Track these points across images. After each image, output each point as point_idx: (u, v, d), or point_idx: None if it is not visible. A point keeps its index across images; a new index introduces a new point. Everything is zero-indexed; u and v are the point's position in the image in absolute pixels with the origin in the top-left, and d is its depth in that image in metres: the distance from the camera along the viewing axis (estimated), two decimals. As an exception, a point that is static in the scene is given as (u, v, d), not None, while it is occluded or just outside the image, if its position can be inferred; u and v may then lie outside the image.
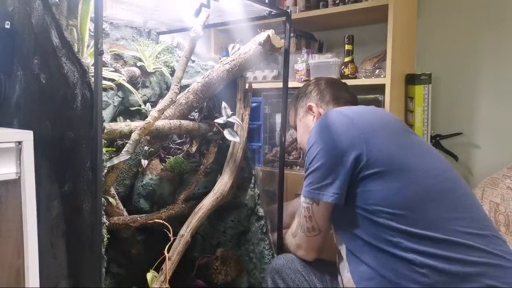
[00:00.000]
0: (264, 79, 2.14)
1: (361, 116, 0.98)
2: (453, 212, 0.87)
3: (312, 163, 0.98)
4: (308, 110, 1.24)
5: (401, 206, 0.87)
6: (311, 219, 1.01)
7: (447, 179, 0.94)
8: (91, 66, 0.95)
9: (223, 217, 1.48)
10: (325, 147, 0.95)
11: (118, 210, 1.20)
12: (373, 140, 0.92)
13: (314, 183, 0.97)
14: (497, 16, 1.86)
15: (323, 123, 0.99)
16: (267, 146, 2.07)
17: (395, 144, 0.94)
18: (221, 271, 1.40)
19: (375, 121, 0.98)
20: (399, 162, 0.90)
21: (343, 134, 0.94)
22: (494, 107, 1.88)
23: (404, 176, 0.89)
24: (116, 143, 1.25)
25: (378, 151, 0.90)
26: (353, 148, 0.91)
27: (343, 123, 0.96)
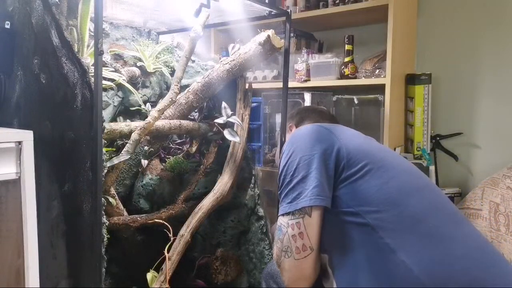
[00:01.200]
0: (264, 79, 2.14)
1: (335, 127, 1.01)
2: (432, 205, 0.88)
3: (297, 173, 0.91)
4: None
5: (385, 202, 0.85)
6: (301, 236, 0.87)
7: (420, 177, 0.96)
8: (91, 66, 0.95)
9: (223, 217, 1.48)
10: (307, 153, 0.92)
11: (118, 210, 1.20)
12: (350, 142, 0.94)
13: (304, 191, 0.88)
14: (497, 16, 1.86)
15: (297, 134, 1.00)
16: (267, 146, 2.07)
17: (371, 146, 0.97)
18: (221, 271, 1.40)
19: (350, 132, 1.01)
20: (377, 159, 0.92)
21: (321, 138, 0.94)
22: (494, 107, 1.88)
23: (383, 172, 0.89)
24: (116, 143, 1.25)
25: (356, 151, 0.92)
26: (332, 147, 0.92)
27: (318, 130, 0.98)
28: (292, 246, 0.88)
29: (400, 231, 0.83)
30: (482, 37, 1.90)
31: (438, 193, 0.95)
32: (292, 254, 0.88)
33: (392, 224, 0.83)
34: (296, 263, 0.88)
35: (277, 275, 1.07)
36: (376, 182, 0.88)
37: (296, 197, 0.89)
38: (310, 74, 1.96)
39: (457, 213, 0.91)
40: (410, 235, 0.82)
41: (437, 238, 0.83)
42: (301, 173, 0.90)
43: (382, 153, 0.96)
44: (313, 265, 0.89)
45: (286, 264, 0.89)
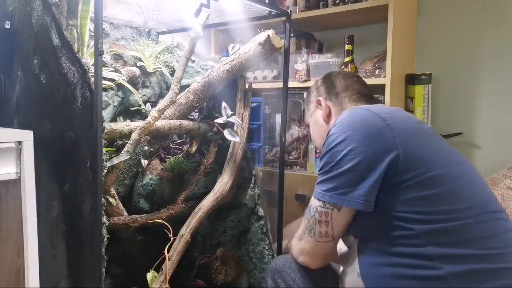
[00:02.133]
0: (264, 79, 2.14)
1: (394, 117, 0.89)
2: (483, 225, 0.84)
3: (339, 165, 0.87)
4: (317, 105, 1.17)
5: (434, 213, 0.82)
6: (327, 224, 0.91)
7: (481, 192, 0.90)
8: (91, 66, 0.95)
9: (223, 217, 1.48)
10: (357, 148, 0.86)
11: (118, 210, 1.20)
12: (408, 144, 0.85)
13: (340, 187, 0.87)
14: (497, 16, 1.86)
15: (353, 120, 0.90)
16: (267, 146, 2.07)
17: (430, 149, 0.88)
18: (221, 271, 1.40)
19: (408, 124, 0.91)
20: (434, 169, 0.84)
21: (377, 136, 0.86)
22: (494, 107, 1.88)
23: (439, 183, 0.84)
24: (116, 143, 1.25)
25: (413, 157, 0.84)
26: (387, 152, 0.84)
27: (375, 123, 0.87)
28: (316, 229, 0.93)
29: (445, 244, 0.81)
30: (482, 37, 1.90)
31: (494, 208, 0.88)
32: (315, 235, 0.94)
33: (438, 235, 0.81)
34: (315, 244, 0.95)
35: (283, 270, 1.06)
36: (428, 192, 0.83)
37: (332, 189, 0.89)
38: (310, 74, 1.96)
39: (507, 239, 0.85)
40: (453, 248, 0.80)
41: (482, 254, 0.80)
42: (344, 167, 0.87)
43: (444, 159, 0.88)
44: (329, 250, 0.96)
45: (307, 242, 0.96)
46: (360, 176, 0.86)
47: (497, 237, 0.84)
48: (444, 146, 0.94)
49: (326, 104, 1.14)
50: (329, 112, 1.14)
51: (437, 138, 0.95)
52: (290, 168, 1.99)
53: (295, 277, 1.05)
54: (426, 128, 0.96)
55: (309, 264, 1.01)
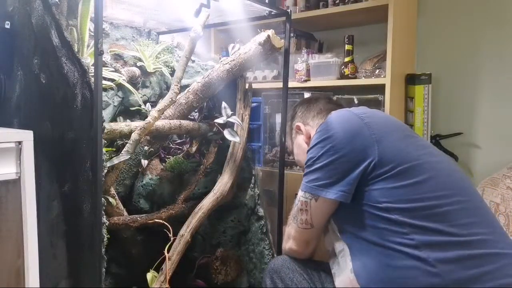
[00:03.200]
0: (264, 79, 2.14)
1: (371, 116, 0.97)
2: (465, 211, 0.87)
3: (320, 159, 0.96)
4: (297, 131, 1.25)
5: (415, 200, 0.86)
6: (306, 213, 1.00)
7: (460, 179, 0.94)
8: (91, 66, 0.95)
9: (223, 217, 1.48)
10: (336, 145, 0.94)
11: (118, 210, 1.20)
12: (384, 139, 0.92)
13: (319, 179, 0.96)
14: (497, 16, 1.86)
15: (335, 120, 0.98)
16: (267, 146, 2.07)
17: (406, 143, 0.94)
18: (221, 271, 1.40)
19: (384, 122, 0.98)
20: (411, 160, 0.90)
21: (355, 134, 0.93)
22: (494, 107, 1.88)
23: (417, 172, 0.89)
24: (116, 143, 1.25)
25: (390, 151, 0.91)
26: (365, 149, 0.91)
27: (354, 122, 0.95)
28: (298, 216, 1.02)
29: (428, 230, 0.84)
30: (482, 37, 1.90)
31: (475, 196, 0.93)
32: (297, 222, 1.03)
33: (420, 222, 0.84)
34: (298, 230, 1.04)
35: (281, 270, 1.08)
36: (408, 182, 0.88)
37: (312, 181, 0.97)
38: (310, 74, 1.96)
39: (489, 220, 0.90)
40: (438, 235, 0.83)
41: (467, 240, 0.83)
42: (324, 161, 0.95)
43: (420, 151, 0.93)
44: (311, 238, 1.05)
45: (292, 228, 1.05)
46: (339, 170, 0.93)
47: (480, 223, 0.87)
48: (420, 140, 1.00)
49: (305, 128, 1.22)
50: (309, 135, 1.21)
51: (413, 134, 1.02)
52: (290, 168, 1.99)
53: (293, 277, 1.06)
54: (403, 127, 1.02)
55: (295, 251, 1.08)
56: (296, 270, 1.07)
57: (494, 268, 0.81)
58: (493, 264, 0.82)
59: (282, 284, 1.07)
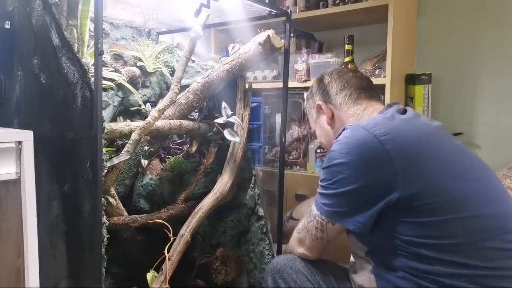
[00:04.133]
0: (264, 79, 2.14)
1: (395, 138, 0.84)
2: (498, 242, 0.82)
3: (334, 185, 0.89)
4: (318, 110, 1.14)
5: (442, 237, 0.81)
6: (322, 232, 0.97)
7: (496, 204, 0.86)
8: (91, 66, 0.95)
9: (223, 217, 1.48)
10: (352, 174, 0.85)
11: (118, 210, 1.20)
12: (410, 170, 0.82)
13: (334, 205, 0.90)
14: (497, 16, 1.86)
15: (350, 142, 0.88)
16: (267, 146, 2.07)
17: (440, 170, 0.84)
18: (221, 271, 1.40)
19: (411, 145, 0.85)
20: (442, 194, 0.82)
21: (372, 165, 0.84)
22: (494, 107, 1.88)
23: (448, 210, 0.81)
24: (116, 143, 1.25)
25: (417, 184, 0.81)
26: (385, 183, 0.82)
27: (372, 148, 0.84)
28: (312, 231, 1.00)
29: (455, 264, 0.80)
30: (482, 37, 1.90)
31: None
32: (311, 236, 1.01)
33: (448, 257, 0.80)
34: (312, 242, 1.02)
35: (284, 270, 1.06)
36: (437, 218, 0.81)
37: (329, 205, 0.92)
38: (310, 74, 1.96)
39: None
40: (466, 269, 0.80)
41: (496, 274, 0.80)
42: (339, 189, 0.88)
43: (455, 179, 0.83)
44: (324, 248, 1.03)
45: (305, 238, 1.04)
46: (356, 201, 0.87)
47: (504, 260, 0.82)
48: (457, 158, 0.89)
49: (328, 107, 1.11)
50: (331, 115, 1.11)
51: (448, 148, 0.90)
52: (290, 168, 1.99)
53: (296, 278, 1.05)
54: (436, 141, 0.90)
55: (308, 256, 1.07)
56: (300, 271, 1.05)
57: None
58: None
59: (284, 285, 1.05)
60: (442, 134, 0.95)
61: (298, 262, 1.07)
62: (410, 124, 0.91)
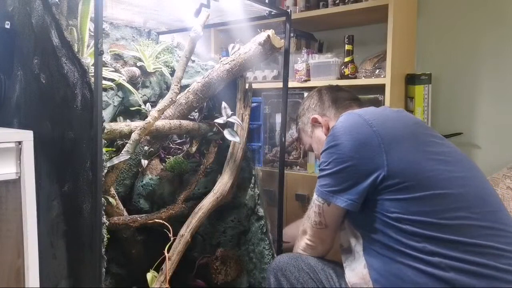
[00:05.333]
0: (264, 79, 2.14)
1: (383, 123, 0.94)
2: (481, 221, 0.86)
3: (329, 166, 0.97)
4: (314, 123, 1.21)
5: (427, 214, 0.85)
6: (320, 215, 1.02)
7: (480, 187, 0.92)
8: (91, 66, 0.95)
9: (223, 217, 1.48)
10: (345, 154, 0.93)
11: (118, 210, 1.20)
12: (393, 150, 0.90)
13: (329, 185, 0.97)
14: (497, 16, 1.86)
15: (344, 126, 0.97)
16: (267, 146, 2.07)
17: (418, 153, 0.91)
18: (221, 271, 1.40)
19: (397, 129, 0.94)
20: (421, 173, 0.88)
21: (363, 143, 0.92)
22: (494, 107, 1.88)
23: (426, 187, 0.87)
24: (116, 143, 1.25)
25: (399, 163, 0.89)
26: (373, 159, 0.90)
27: (362, 129, 0.93)
28: (313, 217, 1.05)
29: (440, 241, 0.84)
30: (482, 37, 1.90)
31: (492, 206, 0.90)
32: (311, 222, 1.05)
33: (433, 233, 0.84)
34: (313, 229, 1.06)
35: (287, 268, 1.06)
36: (419, 195, 0.87)
37: (324, 186, 0.99)
38: (310, 74, 1.96)
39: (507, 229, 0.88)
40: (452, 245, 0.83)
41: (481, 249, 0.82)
42: (334, 168, 0.96)
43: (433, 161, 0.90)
44: (325, 236, 1.06)
45: (308, 227, 1.07)
46: (348, 178, 0.94)
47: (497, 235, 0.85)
48: (436, 145, 0.96)
49: (324, 119, 1.19)
50: (328, 126, 1.18)
51: (429, 138, 0.97)
52: (290, 168, 1.99)
53: (299, 277, 1.04)
54: (419, 130, 0.98)
55: (310, 245, 1.09)
56: (303, 269, 1.05)
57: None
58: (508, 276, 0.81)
59: (287, 283, 1.05)
60: (424, 125, 1.04)
61: (301, 261, 1.07)
62: (397, 114, 1.02)
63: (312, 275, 1.05)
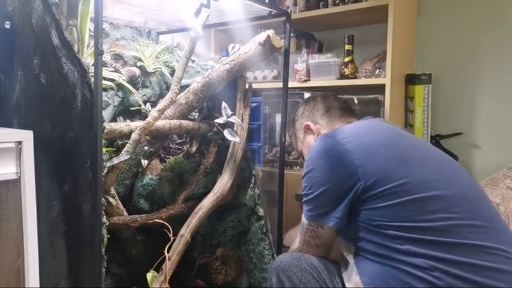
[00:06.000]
0: (264, 79, 2.14)
1: (356, 139, 0.98)
2: (461, 220, 0.87)
3: (311, 190, 1.01)
4: (306, 130, 1.24)
5: (406, 219, 0.88)
6: (318, 238, 1.07)
7: (459, 185, 0.94)
8: (91, 66, 0.95)
9: (223, 217, 1.48)
10: (322, 177, 0.98)
11: (118, 210, 1.20)
12: (368, 162, 0.93)
13: (315, 209, 1.01)
14: (498, 16, 1.86)
15: (318, 150, 1.01)
16: (267, 146, 2.07)
17: (393, 161, 0.94)
18: (221, 271, 1.40)
19: (370, 142, 0.98)
20: (397, 180, 0.90)
21: (337, 164, 0.96)
22: (494, 107, 1.88)
23: (403, 192, 0.89)
24: (116, 143, 1.25)
25: (374, 174, 0.91)
26: (349, 176, 0.93)
27: (334, 151, 0.97)
28: (310, 241, 1.09)
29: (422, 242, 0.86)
30: (482, 37, 1.90)
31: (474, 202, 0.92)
32: (312, 246, 1.10)
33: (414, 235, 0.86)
34: (315, 250, 1.10)
35: (289, 268, 1.06)
36: (397, 201, 0.89)
37: (311, 210, 1.02)
38: (310, 74, 1.96)
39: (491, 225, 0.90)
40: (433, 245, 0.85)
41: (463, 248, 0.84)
42: (315, 192, 0.99)
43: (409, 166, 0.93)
44: (324, 251, 1.11)
45: (308, 251, 1.11)
46: (331, 200, 0.97)
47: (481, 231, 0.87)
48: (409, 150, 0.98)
49: (316, 127, 1.21)
50: (319, 134, 1.20)
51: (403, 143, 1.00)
52: (290, 168, 1.99)
53: (301, 277, 1.04)
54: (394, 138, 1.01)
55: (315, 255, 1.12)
56: (305, 269, 1.06)
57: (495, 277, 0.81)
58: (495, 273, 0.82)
59: (289, 283, 1.05)
60: (400, 132, 1.06)
61: (304, 261, 1.07)
62: (369, 126, 1.06)
63: (315, 274, 1.05)
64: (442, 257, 0.83)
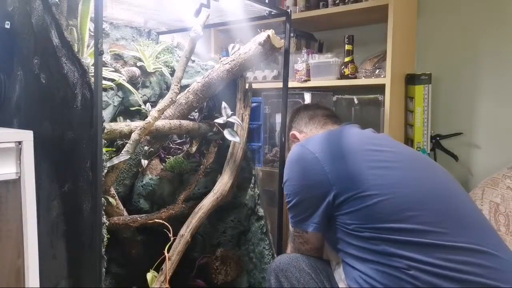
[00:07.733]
0: (264, 79, 2.14)
1: (325, 146, 1.02)
2: (431, 217, 0.89)
3: (290, 198, 1.05)
4: (293, 139, 1.27)
5: (379, 220, 0.90)
6: (306, 243, 1.09)
7: (433, 184, 0.96)
8: (91, 66, 0.95)
9: (223, 217, 1.48)
10: (297, 184, 1.03)
11: (118, 210, 1.20)
12: (336, 168, 0.96)
13: (296, 215, 1.05)
14: (497, 16, 1.86)
15: (291, 159, 1.06)
16: (267, 146, 2.06)
17: (361, 164, 0.96)
18: (221, 271, 1.40)
19: (339, 148, 1.01)
20: (367, 181, 0.93)
21: (307, 172, 1.00)
22: (494, 107, 1.88)
23: (375, 193, 0.91)
24: (116, 143, 1.25)
25: (344, 179, 0.95)
26: (320, 184, 0.97)
27: (305, 160, 1.01)
28: (300, 247, 1.11)
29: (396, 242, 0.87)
30: (482, 37, 1.90)
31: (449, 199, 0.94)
32: (303, 252, 1.12)
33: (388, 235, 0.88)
34: (304, 254, 1.12)
35: (288, 269, 1.07)
36: (368, 203, 0.91)
37: (293, 217, 1.06)
38: (310, 74, 1.96)
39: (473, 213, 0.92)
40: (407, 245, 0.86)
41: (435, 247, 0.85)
42: (293, 200, 1.04)
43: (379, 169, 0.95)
44: (317, 253, 1.13)
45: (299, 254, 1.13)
46: (308, 206, 1.01)
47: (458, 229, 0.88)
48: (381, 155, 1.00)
49: (301, 136, 1.25)
50: None
51: (372, 150, 1.00)
52: (290, 168, 1.99)
53: (300, 277, 1.05)
54: (363, 143, 1.03)
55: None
56: (304, 270, 1.06)
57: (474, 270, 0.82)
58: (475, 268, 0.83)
59: (287, 284, 1.06)
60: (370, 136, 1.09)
61: (302, 261, 1.08)
62: (340, 133, 1.08)
63: (314, 275, 1.06)
64: (416, 257, 0.84)
